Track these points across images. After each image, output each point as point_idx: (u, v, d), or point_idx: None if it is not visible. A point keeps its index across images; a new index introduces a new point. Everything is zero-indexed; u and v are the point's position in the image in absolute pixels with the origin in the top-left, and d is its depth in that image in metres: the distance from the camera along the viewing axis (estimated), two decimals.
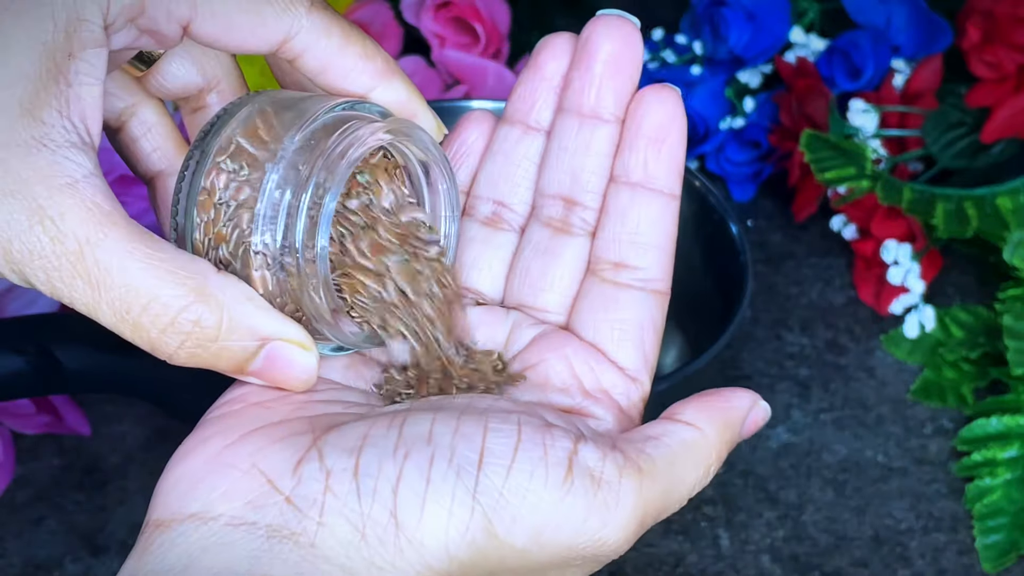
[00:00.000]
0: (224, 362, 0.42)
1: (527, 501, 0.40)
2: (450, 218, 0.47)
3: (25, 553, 0.70)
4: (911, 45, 0.87)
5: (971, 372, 0.80)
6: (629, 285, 0.47)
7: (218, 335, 0.41)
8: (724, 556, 0.71)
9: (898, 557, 0.72)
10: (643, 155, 0.46)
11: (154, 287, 0.40)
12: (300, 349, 0.43)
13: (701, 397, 0.46)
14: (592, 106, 0.47)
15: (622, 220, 0.47)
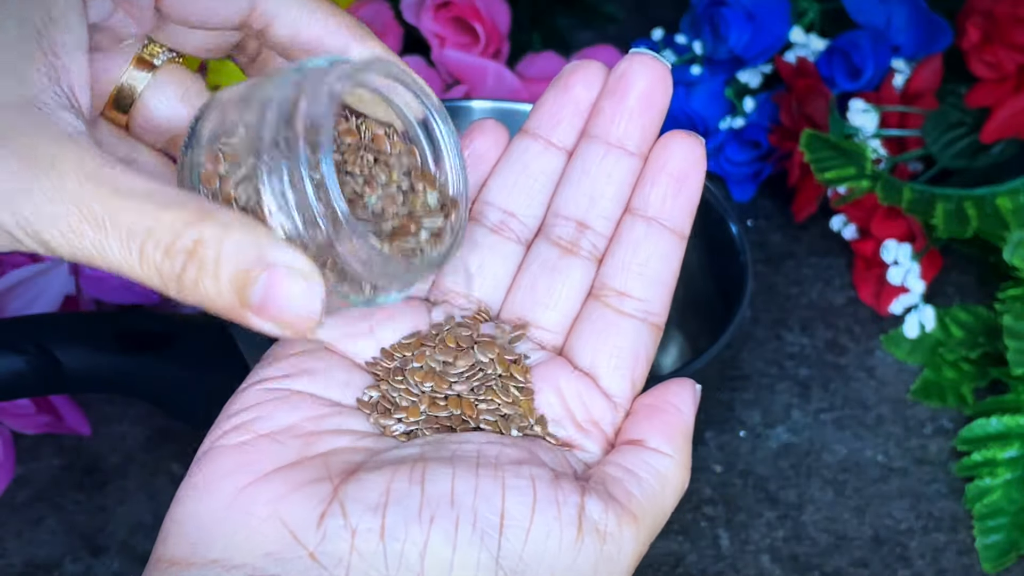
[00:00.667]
0: (225, 289, 0.39)
1: (544, 563, 0.41)
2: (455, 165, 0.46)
3: (25, 553, 0.70)
4: (911, 45, 0.87)
5: (971, 372, 0.80)
6: (632, 315, 0.48)
7: (219, 255, 0.39)
8: (724, 556, 0.71)
9: (898, 557, 0.72)
10: (664, 191, 0.48)
11: (156, 211, 0.39)
12: (303, 279, 0.40)
13: (656, 415, 0.47)
14: (619, 137, 0.48)
15: (634, 250, 0.48)
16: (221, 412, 0.45)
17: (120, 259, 0.40)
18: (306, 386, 0.45)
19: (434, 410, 0.46)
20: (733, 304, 0.70)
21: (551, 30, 0.97)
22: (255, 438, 0.43)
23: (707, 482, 0.75)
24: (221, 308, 0.40)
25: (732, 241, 0.73)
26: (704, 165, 0.49)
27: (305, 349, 0.47)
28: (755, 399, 0.79)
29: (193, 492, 0.42)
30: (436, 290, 0.50)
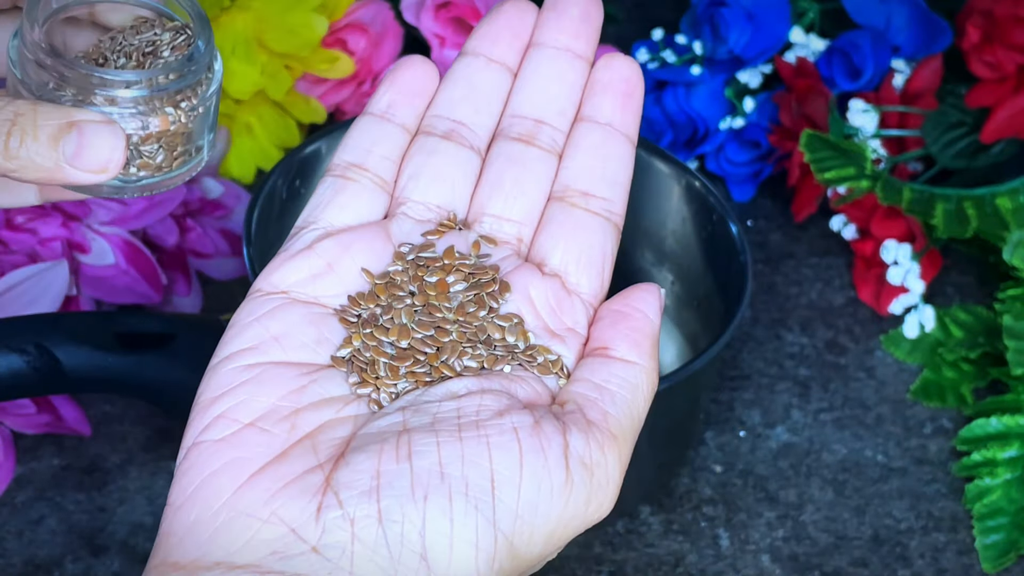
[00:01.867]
0: (44, 147, 0.46)
1: (539, 513, 0.43)
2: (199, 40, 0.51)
3: (25, 553, 0.70)
4: (911, 45, 0.87)
5: (971, 372, 0.80)
6: (598, 213, 0.49)
7: (35, 121, 0.46)
8: (724, 556, 0.71)
9: (898, 557, 0.72)
10: (616, 102, 0.50)
11: None
12: (106, 125, 0.47)
13: (621, 322, 0.48)
14: (566, 43, 0.50)
15: (592, 154, 0.50)
16: (196, 398, 0.45)
17: None
18: (277, 355, 0.46)
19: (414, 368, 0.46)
20: (733, 304, 0.70)
21: None
22: (239, 429, 0.44)
23: (707, 482, 0.75)
24: (43, 167, 0.47)
25: (732, 241, 0.73)
26: (642, 80, 0.50)
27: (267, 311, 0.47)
28: (755, 399, 0.79)
29: (187, 497, 0.43)
30: (392, 204, 0.50)
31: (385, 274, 0.48)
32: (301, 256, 0.48)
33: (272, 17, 0.84)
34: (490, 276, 0.48)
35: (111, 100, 0.49)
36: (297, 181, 0.76)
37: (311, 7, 0.84)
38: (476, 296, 0.48)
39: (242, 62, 0.83)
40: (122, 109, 0.49)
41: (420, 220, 0.49)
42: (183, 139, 0.51)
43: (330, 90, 0.88)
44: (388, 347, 0.47)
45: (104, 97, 0.49)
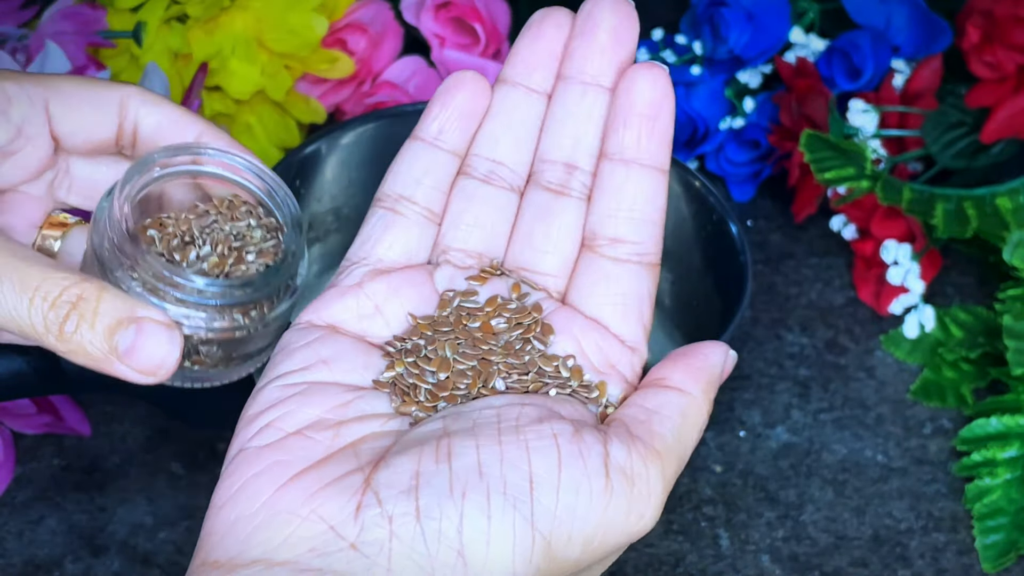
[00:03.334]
0: (99, 338, 0.46)
1: (578, 516, 0.43)
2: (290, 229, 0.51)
3: (25, 553, 0.70)
4: (911, 45, 0.87)
5: (971, 372, 0.80)
6: (627, 260, 0.49)
7: (97, 308, 0.46)
8: (724, 556, 0.71)
9: (898, 557, 0.72)
10: (637, 132, 0.48)
11: (47, 271, 0.47)
12: (166, 328, 0.46)
13: (681, 358, 0.48)
14: (594, 74, 0.49)
15: (617, 196, 0.49)
16: (242, 414, 0.46)
17: (11, 306, 0.46)
18: (325, 376, 0.47)
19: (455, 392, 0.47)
20: (733, 304, 0.70)
21: None
22: (284, 437, 0.44)
23: (707, 482, 0.75)
24: (93, 356, 0.46)
25: (732, 241, 0.73)
26: (672, 93, 0.48)
27: (316, 337, 0.48)
28: (755, 399, 0.79)
29: (228, 497, 0.43)
30: (436, 250, 0.50)
31: (429, 316, 0.49)
32: (351, 295, 0.49)
33: (272, 17, 0.84)
34: (533, 318, 0.48)
35: (179, 300, 0.48)
36: (297, 181, 0.76)
37: (311, 7, 0.84)
38: (522, 336, 0.48)
39: (242, 62, 0.83)
40: (188, 311, 0.48)
41: (462, 267, 0.50)
42: (245, 345, 0.50)
43: (330, 90, 0.88)
44: (430, 376, 0.47)
45: (173, 296, 0.48)
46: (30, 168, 0.53)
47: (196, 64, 0.81)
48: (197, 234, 0.50)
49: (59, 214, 0.54)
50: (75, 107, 0.52)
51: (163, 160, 0.50)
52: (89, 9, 0.79)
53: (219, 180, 0.51)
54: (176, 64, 0.83)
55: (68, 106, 0.52)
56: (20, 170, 0.53)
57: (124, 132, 0.53)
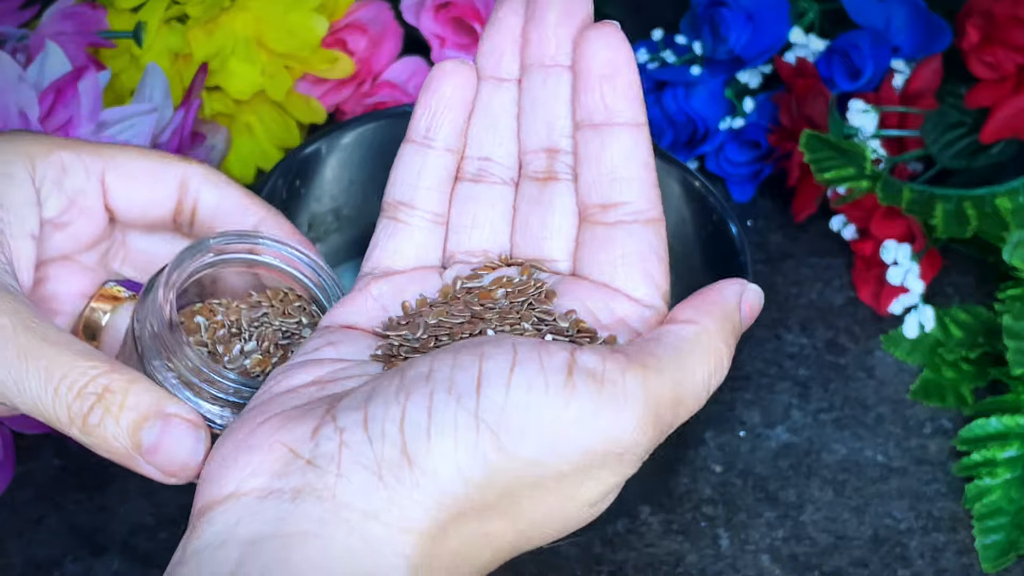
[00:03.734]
0: (123, 432, 0.45)
1: (531, 412, 0.41)
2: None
3: (25, 553, 0.70)
4: (910, 45, 0.87)
5: (970, 372, 0.80)
6: (620, 221, 0.48)
7: (124, 400, 0.45)
8: (724, 556, 0.71)
9: (897, 557, 0.72)
10: (599, 93, 0.48)
11: (75, 358, 0.46)
12: (193, 428, 0.46)
13: (693, 297, 0.47)
14: (553, 55, 0.49)
15: (597, 163, 0.48)
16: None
17: (36, 395, 0.45)
18: (329, 354, 0.47)
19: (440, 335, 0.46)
20: None
21: None
22: (273, 396, 0.45)
23: (707, 482, 0.75)
24: (115, 450, 0.46)
25: (732, 241, 0.73)
26: (627, 46, 0.48)
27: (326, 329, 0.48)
28: (755, 399, 0.79)
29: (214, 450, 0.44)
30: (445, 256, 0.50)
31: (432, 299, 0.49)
32: (359, 298, 0.49)
33: (272, 17, 0.84)
34: (536, 286, 0.48)
35: (215, 397, 0.47)
36: (297, 181, 0.76)
37: (311, 7, 0.84)
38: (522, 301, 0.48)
39: (242, 62, 0.83)
40: (223, 409, 0.48)
41: (471, 264, 0.50)
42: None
43: (330, 90, 0.88)
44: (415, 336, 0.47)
45: (208, 393, 0.47)
46: (82, 240, 0.52)
47: (196, 64, 0.81)
48: (245, 326, 0.50)
49: (113, 286, 0.53)
50: (133, 181, 0.51)
51: (218, 246, 0.49)
52: (89, 9, 0.79)
53: (275, 271, 0.51)
54: (176, 64, 0.83)
55: (126, 179, 0.51)
56: (72, 241, 0.52)
57: (183, 210, 0.52)
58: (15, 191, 0.49)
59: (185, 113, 0.76)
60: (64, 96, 0.70)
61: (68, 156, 0.50)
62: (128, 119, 0.72)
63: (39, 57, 0.72)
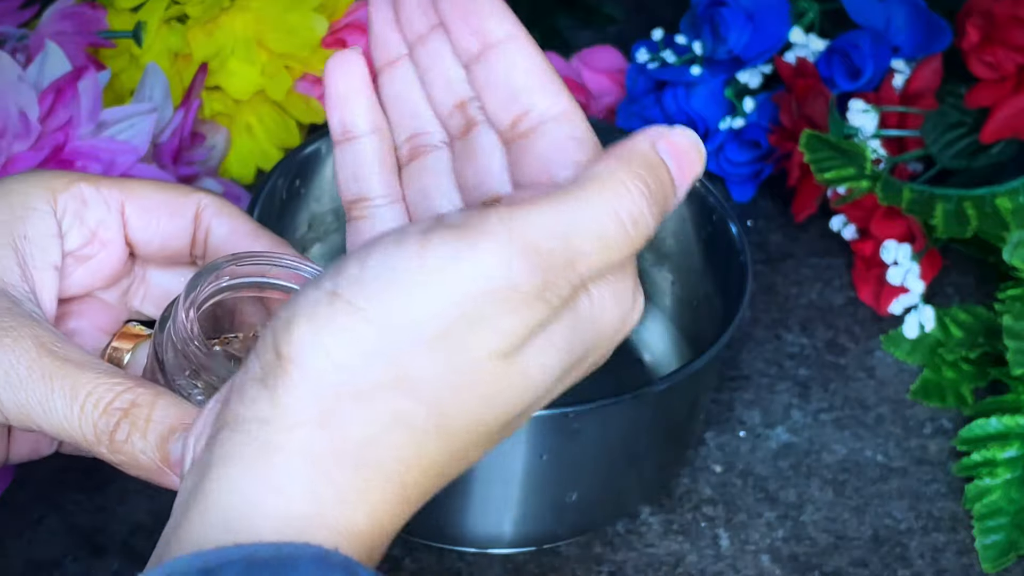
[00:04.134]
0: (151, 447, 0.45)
1: (387, 274, 0.39)
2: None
3: (25, 553, 0.70)
4: (911, 45, 0.87)
5: (970, 372, 0.80)
6: (531, 128, 0.46)
7: (151, 414, 0.45)
8: (724, 556, 0.71)
9: (897, 557, 0.72)
10: (467, 29, 0.46)
11: (99, 376, 0.46)
12: None
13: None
14: (423, 26, 0.47)
15: (493, 88, 0.46)
16: None
17: (62, 415, 0.45)
18: None
19: None
20: (733, 304, 0.70)
21: (551, 30, 0.97)
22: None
23: (707, 482, 0.75)
24: (144, 466, 0.45)
25: (732, 241, 0.73)
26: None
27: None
28: (755, 399, 0.79)
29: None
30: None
31: None
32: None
33: (272, 17, 0.84)
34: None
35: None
36: (297, 181, 0.76)
37: (311, 7, 0.84)
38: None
39: (242, 62, 0.83)
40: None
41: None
42: None
43: None
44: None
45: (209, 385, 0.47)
46: (104, 274, 0.52)
47: (196, 64, 0.81)
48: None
49: (134, 326, 0.53)
50: (152, 213, 0.51)
51: (230, 268, 0.49)
52: (89, 9, 0.79)
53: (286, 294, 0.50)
54: (176, 64, 0.83)
55: (145, 212, 0.51)
56: (94, 276, 0.52)
57: (197, 241, 0.52)
58: (38, 223, 0.49)
59: (185, 113, 0.76)
60: (64, 96, 0.70)
61: (88, 189, 0.50)
62: (128, 119, 0.72)
63: (39, 57, 0.72)
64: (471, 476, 0.66)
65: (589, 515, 0.70)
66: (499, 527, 0.69)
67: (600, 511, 0.70)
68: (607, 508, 0.71)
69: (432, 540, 0.70)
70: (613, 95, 0.92)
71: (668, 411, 0.69)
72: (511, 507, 0.68)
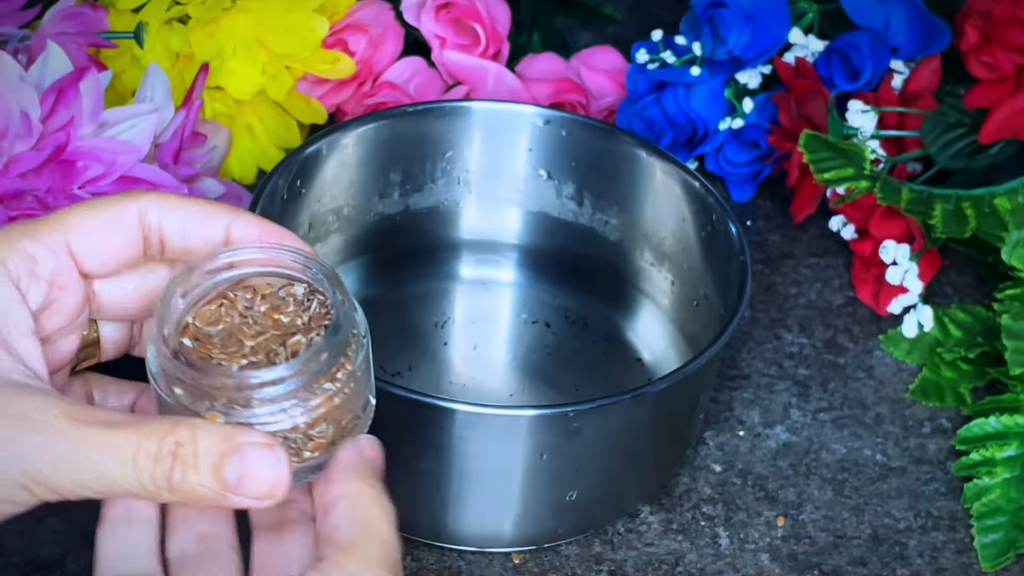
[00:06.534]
0: (207, 478, 0.46)
1: None
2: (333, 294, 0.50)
3: (27, 552, 0.70)
4: (910, 46, 0.87)
5: (969, 372, 0.80)
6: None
7: (196, 449, 0.46)
8: (723, 555, 0.72)
9: (897, 556, 0.72)
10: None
11: (138, 428, 0.47)
12: (267, 448, 0.47)
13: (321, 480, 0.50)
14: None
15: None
16: None
17: (118, 477, 0.47)
18: None
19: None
20: (733, 304, 0.71)
21: (551, 31, 0.97)
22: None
23: (706, 481, 0.75)
24: (206, 497, 0.47)
25: (731, 241, 0.73)
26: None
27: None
28: (754, 399, 0.79)
29: None
30: None
31: None
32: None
33: (273, 18, 0.84)
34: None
35: (268, 399, 0.48)
36: (298, 181, 0.76)
37: (312, 8, 0.84)
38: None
39: (243, 63, 0.84)
40: (282, 404, 0.48)
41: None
42: (349, 407, 0.50)
43: (331, 91, 0.88)
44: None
45: (258, 399, 0.48)
46: (67, 313, 0.52)
47: (197, 65, 0.82)
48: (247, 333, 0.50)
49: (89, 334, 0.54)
50: (97, 238, 0.51)
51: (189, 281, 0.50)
52: (91, 10, 0.79)
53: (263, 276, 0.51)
54: (177, 65, 0.83)
55: (90, 240, 0.51)
56: (59, 317, 0.52)
57: (151, 243, 0.52)
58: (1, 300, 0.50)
59: (186, 113, 0.77)
60: (65, 96, 0.70)
61: (31, 244, 0.50)
62: (129, 119, 0.73)
63: (40, 57, 0.73)
64: (471, 476, 0.67)
65: (589, 514, 0.70)
66: (499, 526, 0.69)
67: (600, 510, 0.70)
68: (607, 507, 0.71)
69: (432, 539, 0.70)
70: (613, 95, 0.92)
71: (668, 410, 0.69)
72: (511, 506, 0.68)
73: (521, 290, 0.82)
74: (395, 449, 0.66)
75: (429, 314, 0.81)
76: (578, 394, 0.76)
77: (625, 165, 0.79)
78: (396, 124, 0.79)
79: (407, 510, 0.69)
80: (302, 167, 0.76)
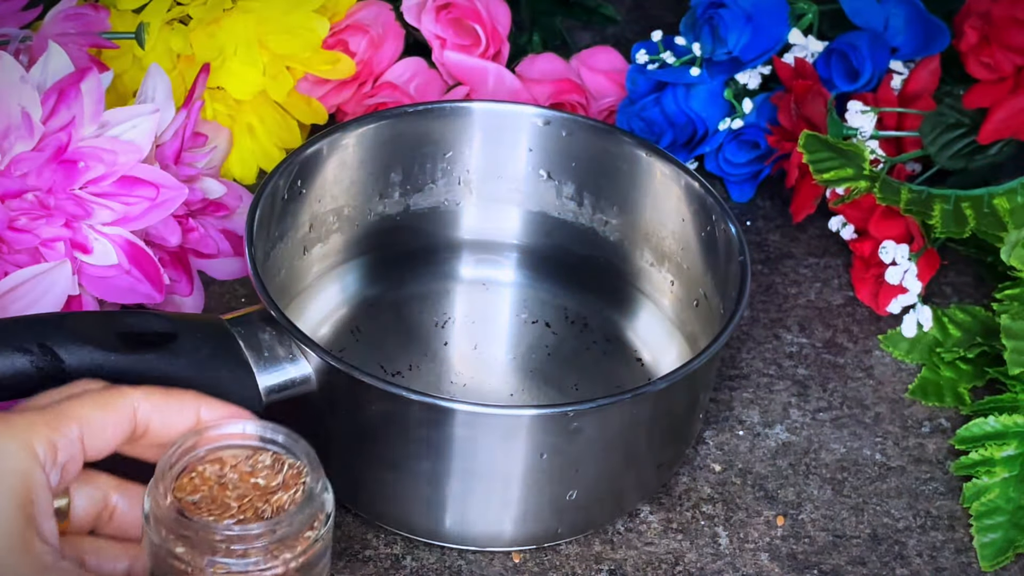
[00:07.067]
0: None
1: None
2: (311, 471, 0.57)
3: None
4: (909, 47, 0.88)
5: (968, 371, 0.80)
6: None
7: None
8: (723, 555, 0.72)
9: (896, 555, 0.72)
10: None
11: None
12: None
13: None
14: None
15: None
16: None
17: None
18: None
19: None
20: (732, 304, 0.71)
21: (551, 31, 0.97)
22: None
23: (706, 481, 0.75)
24: None
25: (731, 241, 0.74)
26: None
27: None
28: (754, 398, 0.79)
29: None
30: None
31: None
32: None
33: (273, 18, 0.84)
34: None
35: (241, 553, 0.54)
36: (298, 181, 0.76)
37: (312, 8, 0.84)
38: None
39: (244, 63, 0.84)
40: (249, 560, 0.54)
41: None
42: (324, 556, 0.57)
43: (331, 91, 0.88)
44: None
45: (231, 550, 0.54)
46: (60, 488, 0.57)
47: (198, 65, 0.82)
48: (231, 494, 0.56)
49: (59, 504, 0.58)
50: (106, 432, 0.57)
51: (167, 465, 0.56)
52: (92, 10, 0.79)
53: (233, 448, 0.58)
54: (178, 65, 0.83)
55: (100, 432, 0.57)
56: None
57: (137, 432, 0.58)
58: (36, 483, 0.54)
59: (187, 114, 0.77)
60: (67, 97, 0.70)
61: (53, 434, 0.55)
62: (130, 120, 0.73)
63: (42, 58, 0.73)
64: (471, 475, 0.67)
65: (589, 514, 0.70)
66: (499, 525, 0.69)
67: (600, 509, 0.71)
68: (607, 507, 0.71)
69: (433, 539, 0.70)
70: (613, 96, 0.92)
71: (668, 410, 0.69)
72: (511, 506, 0.68)
73: (521, 290, 0.83)
74: (395, 449, 0.66)
75: (429, 314, 0.81)
76: (578, 394, 0.76)
77: (625, 165, 0.79)
78: (396, 124, 0.79)
79: (407, 510, 0.69)
80: (303, 167, 0.76)
